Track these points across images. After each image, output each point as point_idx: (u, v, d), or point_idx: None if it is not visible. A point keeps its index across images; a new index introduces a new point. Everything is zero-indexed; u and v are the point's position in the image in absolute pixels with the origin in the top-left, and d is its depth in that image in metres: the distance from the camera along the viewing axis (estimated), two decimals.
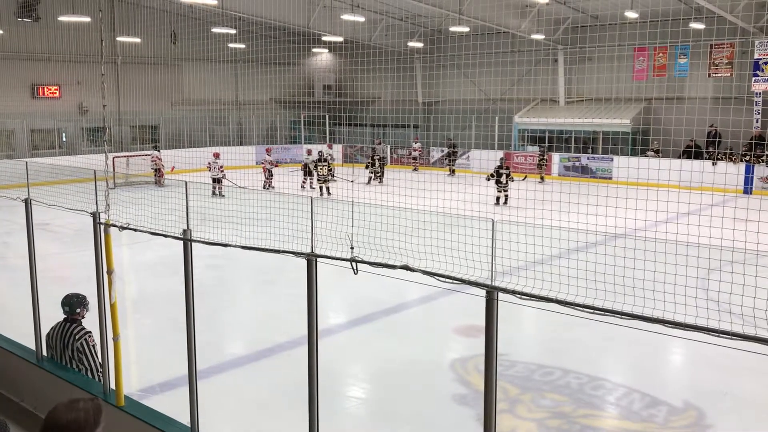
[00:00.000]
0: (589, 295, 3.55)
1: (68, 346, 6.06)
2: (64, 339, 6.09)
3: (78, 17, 22.36)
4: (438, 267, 4.20)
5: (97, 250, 5.86)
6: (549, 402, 7.41)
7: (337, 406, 7.27)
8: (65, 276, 12.29)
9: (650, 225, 5.37)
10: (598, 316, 3.38)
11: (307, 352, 4.56)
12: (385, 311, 10.53)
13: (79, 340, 6.04)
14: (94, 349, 6.01)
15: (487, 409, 3.72)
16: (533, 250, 4.60)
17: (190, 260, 5.22)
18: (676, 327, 3.21)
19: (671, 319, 3.22)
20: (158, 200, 6.69)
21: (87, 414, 2.77)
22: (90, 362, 6.06)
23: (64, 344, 6.10)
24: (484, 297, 3.70)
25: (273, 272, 12.34)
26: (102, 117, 6.05)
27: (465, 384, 7.87)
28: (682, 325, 3.22)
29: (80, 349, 6.03)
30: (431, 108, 34.13)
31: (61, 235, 15.58)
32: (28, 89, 27.61)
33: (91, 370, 6.09)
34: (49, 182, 9.03)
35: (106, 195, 5.83)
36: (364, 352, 9.20)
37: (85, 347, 6.03)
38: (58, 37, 26.60)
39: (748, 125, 24.43)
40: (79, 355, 6.05)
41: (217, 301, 10.86)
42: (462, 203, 7.60)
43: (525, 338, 9.65)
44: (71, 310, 6.14)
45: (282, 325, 9.65)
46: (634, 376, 8.31)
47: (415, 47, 32.08)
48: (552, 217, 5.24)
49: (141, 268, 13.11)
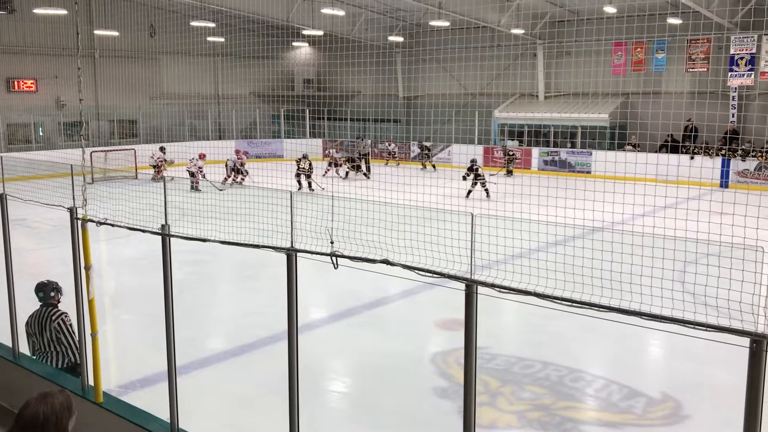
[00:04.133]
0: (567, 288, 3.58)
1: (45, 329, 6.15)
2: (42, 323, 6.19)
3: (54, 10, 22.09)
4: (418, 261, 4.21)
5: (74, 245, 5.80)
6: (529, 394, 7.47)
7: (318, 401, 7.27)
8: (42, 272, 12.13)
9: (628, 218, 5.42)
10: (576, 309, 3.42)
11: (288, 346, 4.55)
12: (367, 305, 10.54)
13: (56, 321, 6.15)
14: (71, 327, 6.12)
15: (466, 402, 3.75)
16: (513, 243, 4.63)
17: (168, 255, 5.19)
18: (653, 319, 3.25)
19: (648, 312, 3.26)
20: (137, 195, 6.64)
21: (60, 406, 2.79)
22: (69, 340, 6.15)
23: (41, 328, 6.19)
24: (463, 290, 3.72)
25: (254, 267, 12.30)
26: (79, 111, 5.98)
27: (446, 377, 7.91)
28: (658, 317, 3.26)
29: (58, 329, 6.12)
30: (412, 102, 34.14)
31: (38, 230, 15.41)
32: (3, 83, 27.22)
33: (71, 348, 6.18)
34: (26, 177, 8.91)
35: (83, 190, 5.78)
36: (346, 347, 9.21)
37: (62, 326, 6.14)
38: (34, 30, 26.23)
39: (724, 120, 24.75)
40: (57, 335, 6.14)
41: (197, 297, 10.80)
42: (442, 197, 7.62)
43: (506, 331, 9.71)
44: (45, 295, 6.28)
45: (263, 320, 9.63)
46: (613, 368, 8.40)
47: (395, 41, 32.06)
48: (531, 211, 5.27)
49: (120, 264, 13.00)
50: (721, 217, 4.24)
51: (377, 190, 7.50)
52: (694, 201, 5.82)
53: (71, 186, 6.04)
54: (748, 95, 24.72)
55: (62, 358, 6.30)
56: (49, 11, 22.32)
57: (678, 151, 23.32)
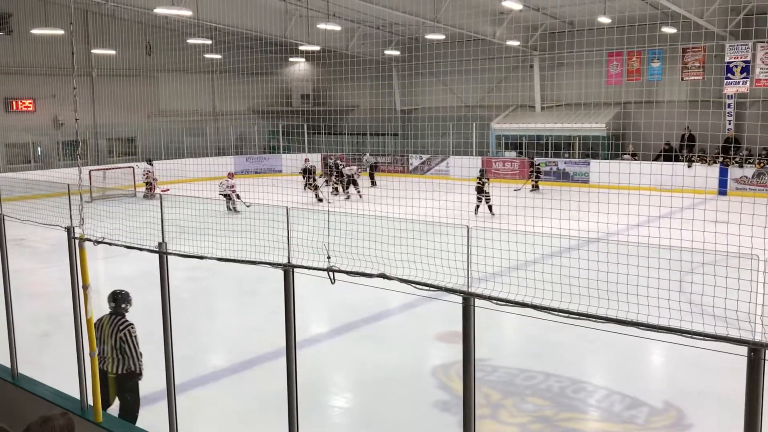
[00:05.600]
0: (565, 299, 3.58)
1: (112, 336, 6.41)
2: (109, 330, 6.45)
3: (51, 30, 22.14)
4: (416, 275, 4.21)
5: (72, 265, 5.80)
6: (531, 406, 7.44)
7: (319, 416, 7.24)
8: (41, 292, 12.14)
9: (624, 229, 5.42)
10: (575, 321, 3.41)
11: (286, 362, 4.55)
12: (366, 319, 10.52)
13: (123, 331, 6.40)
14: (135, 339, 6.45)
15: (466, 415, 3.74)
16: (509, 255, 4.63)
17: (166, 273, 5.20)
18: (651, 329, 3.25)
19: (645, 322, 3.26)
20: (135, 213, 6.64)
21: (61, 430, 2.77)
22: (132, 351, 6.44)
23: (108, 334, 6.44)
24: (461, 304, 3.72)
25: (253, 283, 12.28)
26: (75, 130, 6.02)
27: (447, 390, 7.88)
28: (656, 327, 3.26)
29: (123, 339, 6.37)
30: (409, 116, 34.25)
31: (36, 250, 15.40)
32: (2, 103, 27.29)
33: (133, 358, 6.45)
34: (24, 197, 8.92)
35: (81, 209, 5.78)
36: (346, 361, 9.18)
37: (128, 336, 6.40)
38: (32, 50, 26.29)
39: (720, 128, 24.81)
40: (122, 344, 6.39)
41: (196, 314, 10.78)
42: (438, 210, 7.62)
43: (506, 343, 9.68)
44: (117, 305, 6.62)
45: (262, 336, 9.60)
46: (615, 379, 8.37)
47: (391, 55, 32.20)
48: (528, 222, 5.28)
49: (118, 282, 12.94)
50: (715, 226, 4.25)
51: (373, 204, 7.50)
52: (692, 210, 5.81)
53: (68, 205, 6.05)
54: (744, 103, 24.81)
55: (122, 365, 6.46)
56: (47, 31, 22.39)
57: (675, 160, 23.36)
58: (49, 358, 8.42)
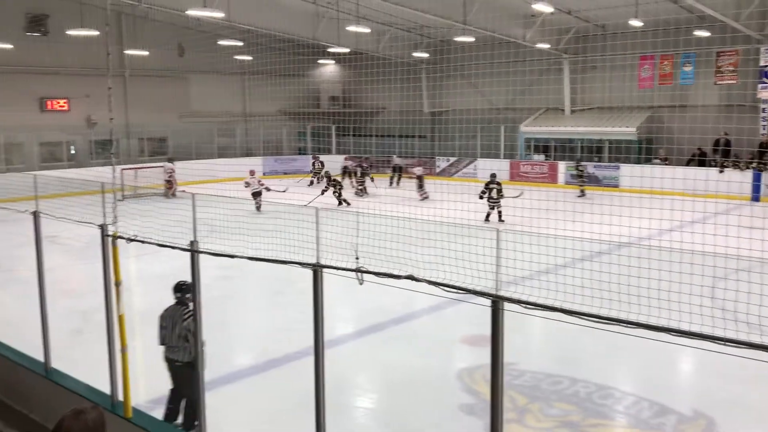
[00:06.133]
0: (595, 304, 3.55)
1: (176, 326, 6.65)
2: (174, 320, 6.68)
3: (86, 31, 22.54)
4: (444, 277, 4.21)
5: (105, 262, 5.90)
6: (557, 411, 7.39)
7: (345, 416, 7.26)
8: (73, 288, 12.35)
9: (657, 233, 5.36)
10: (603, 325, 3.39)
11: (314, 362, 4.58)
12: (393, 321, 10.53)
13: (187, 319, 6.55)
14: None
15: (494, 419, 3.73)
16: (539, 259, 4.61)
17: (197, 271, 5.26)
18: (683, 335, 3.21)
19: (677, 328, 3.22)
20: (166, 212, 6.73)
21: (93, 423, 2.83)
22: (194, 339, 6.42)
23: (173, 324, 6.68)
24: (490, 306, 3.71)
25: (282, 283, 12.35)
26: (110, 130, 6.13)
27: (473, 394, 7.86)
28: (688, 334, 3.22)
29: (187, 328, 6.53)
30: (437, 118, 34.21)
31: (69, 247, 15.66)
32: (37, 103, 27.82)
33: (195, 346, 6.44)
34: (58, 195, 9.09)
35: (114, 207, 5.88)
36: (372, 362, 9.20)
37: (191, 326, 6.46)
38: (67, 51, 26.82)
39: (753, 132, 24.38)
40: (186, 333, 6.57)
41: (225, 312, 10.87)
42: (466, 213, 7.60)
43: (533, 347, 9.62)
44: (182, 295, 6.80)
45: (290, 336, 9.65)
46: (643, 385, 8.27)
47: (420, 57, 32.19)
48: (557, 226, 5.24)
49: (149, 280, 13.15)
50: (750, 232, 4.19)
51: (401, 205, 7.52)
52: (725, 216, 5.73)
53: (102, 203, 6.16)
54: None
55: (187, 354, 6.61)
56: (82, 32, 22.80)
57: (707, 165, 23.01)
58: (81, 354, 8.56)
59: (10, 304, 9.85)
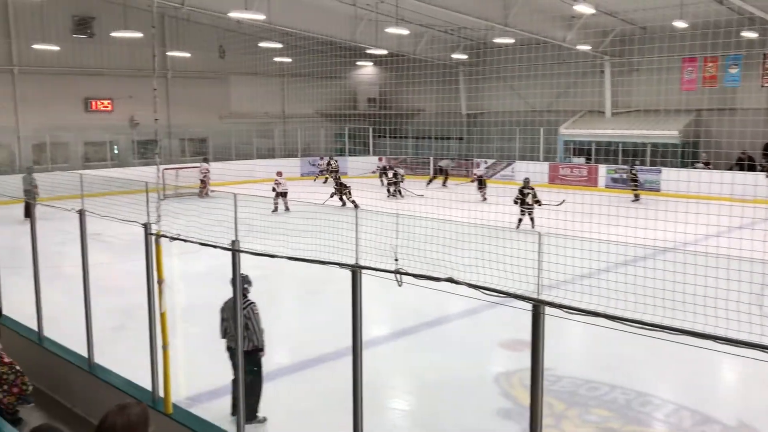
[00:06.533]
0: (636, 309, 3.49)
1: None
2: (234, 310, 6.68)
3: (130, 33, 23.00)
4: (482, 280, 4.18)
5: (148, 260, 6.00)
6: (595, 418, 7.28)
7: (380, 417, 7.27)
8: (117, 285, 12.58)
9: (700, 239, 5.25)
10: (646, 331, 3.33)
11: (352, 362, 4.58)
12: (429, 323, 10.50)
13: (245, 309, 6.85)
14: (256, 316, 7.03)
15: (533, 424, 3.69)
16: (579, 263, 4.55)
17: (237, 270, 5.32)
18: (728, 343, 3.14)
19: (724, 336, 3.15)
20: (206, 211, 6.83)
21: (137, 418, 2.89)
22: (255, 326, 6.99)
23: (233, 313, 6.75)
24: (528, 310, 3.67)
25: (318, 283, 12.40)
26: (154, 130, 6.24)
27: (509, 398, 7.79)
28: (733, 342, 3.14)
29: (246, 316, 6.88)
30: (475, 120, 34.04)
31: (112, 245, 15.98)
32: (82, 103, 28.48)
33: (255, 333, 7.00)
34: (102, 193, 9.29)
35: (158, 206, 5.98)
36: (408, 364, 9.19)
37: (250, 314, 6.95)
38: (111, 53, 27.44)
39: None
40: (246, 321, 6.87)
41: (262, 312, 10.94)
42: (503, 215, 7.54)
43: (571, 352, 9.50)
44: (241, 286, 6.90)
45: (326, 336, 9.69)
46: (684, 393, 8.10)
47: (459, 59, 32.08)
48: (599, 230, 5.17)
49: (190, 278, 13.34)
50: None
51: (440, 207, 7.50)
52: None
53: (145, 202, 6.27)
54: None
55: (247, 342, 6.89)
56: (127, 34, 23.29)
57: (754, 170, 22.46)
58: (123, 350, 8.72)
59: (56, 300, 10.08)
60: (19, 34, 26.30)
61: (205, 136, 31.72)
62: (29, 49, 26.09)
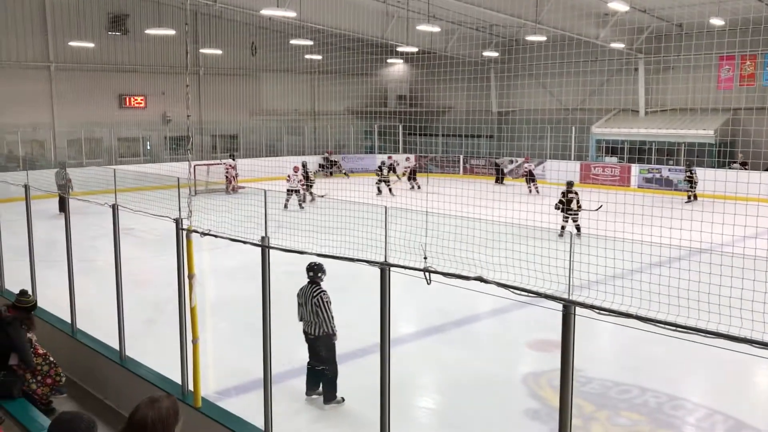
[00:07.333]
0: (670, 311, 3.42)
1: (308, 302, 7.39)
2: (306, 296, 7.43)
3: (164, 30, 23.28)
4: (512, 279, 4.14)
5: (179, 255, 6.06)
6: (625, 420, 7.18)
7: (407, 415, 7.26)
8: (148, 279, 12.75)
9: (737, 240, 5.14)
10: (679, 334, 3.26)
11: (380, 359, 4.58)
12: (457, 322, 10.46)
13: (316, 296, 7.32)
14: (327, 304, 7.37)
15: (562, 426, 3.64)
16: (612, 264, 4.48)
17: (267, 266, 5.34)
18: (765, 347, 3.06)
19: (759, 339, 3.07)
20: (236, 207, 6.87)
21: (168, 411, 2.93)
22: (324, 314, 7.32)
23: (306, 300, 7.43)
24: (557, 310, 3.62)
25: (346, 280, 12.42)
26: (186, 127, 6.30)
27: (537, 399, 7.73)
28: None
29: (317, 304, 7.30)
30: (506, 117, 33.81)
31: (144, 240, 16.19)
32: (116, 99, 28.91)
33: (326, 321, 7.35)
34: (134, 189, 9.41)
35: (189, 202, 6.03)
36: (435, 363, 9.16)
37: (320, 302, 7.31)
38: (145, 50, 27.81)
39: None
40: (316, 308, 7.31)
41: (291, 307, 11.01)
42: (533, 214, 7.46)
43: (601, 354, 9.38)
44: (314, 274, 7.53)
45: (354, 333, 9.69)
46: (717, 398, 7.95)
47: (490, 56, 31.89)
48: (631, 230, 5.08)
49: (219, 273, 13.47)
50: None
51: (469, 206, 7.45)
52: None
53: (177, 198, 6.33)
54: None
55: (318, 328, 7.33)
56: (160, 32, 23.59)
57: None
58: (153, 343, 8.83)
59: (89, 293, 10.25)
60: (55, 32, 26.78)
61: (236, 132, 31.99)
62: (65, 46, 26.57)
